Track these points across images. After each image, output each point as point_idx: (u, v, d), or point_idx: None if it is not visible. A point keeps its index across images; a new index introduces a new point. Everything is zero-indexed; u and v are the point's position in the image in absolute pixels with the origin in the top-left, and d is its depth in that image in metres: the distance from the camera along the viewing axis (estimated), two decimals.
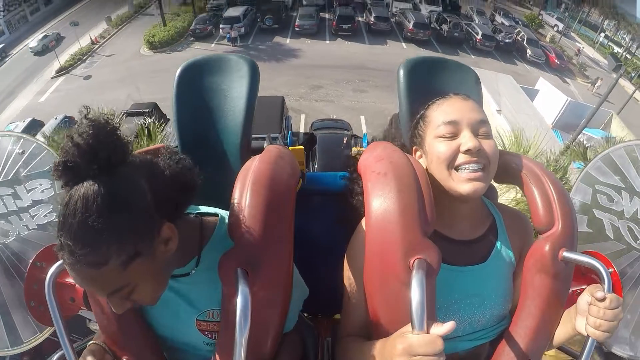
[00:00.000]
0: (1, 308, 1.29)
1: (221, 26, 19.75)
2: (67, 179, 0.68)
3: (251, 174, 0.87)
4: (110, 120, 0.72)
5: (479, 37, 20.89)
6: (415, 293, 0.72)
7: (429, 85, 1.15)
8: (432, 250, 0.82)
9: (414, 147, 1.03)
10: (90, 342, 1.00)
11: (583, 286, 0.99)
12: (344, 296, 1.00)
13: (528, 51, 21.24)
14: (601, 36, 27.81)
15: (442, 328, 0.70)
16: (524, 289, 0.96)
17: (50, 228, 1.32)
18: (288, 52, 18.79)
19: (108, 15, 22.37)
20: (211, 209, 0.99)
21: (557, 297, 0.94)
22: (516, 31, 22.83)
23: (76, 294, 1.13)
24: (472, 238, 0.99)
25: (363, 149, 1.14)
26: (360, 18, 22.30)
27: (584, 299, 0.88)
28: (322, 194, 1.38)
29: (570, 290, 0.97)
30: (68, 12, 23.99)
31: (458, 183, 0.90)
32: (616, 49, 25.70)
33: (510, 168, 1.01)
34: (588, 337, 0.84)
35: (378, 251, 0.84)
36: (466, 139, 0.90)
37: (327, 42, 20.33)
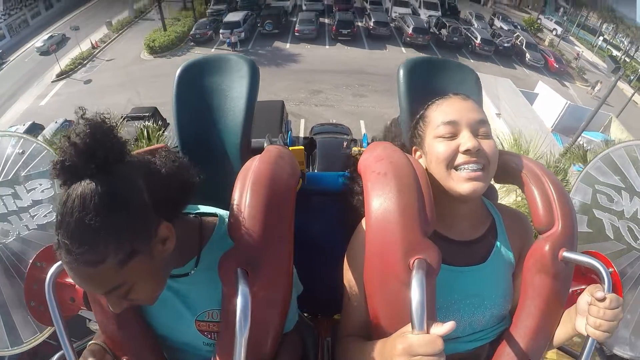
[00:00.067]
0: (1, 308, 1.28)
1: (221, 31, 19.77)
2: (65, 178, 0.69)
3: (251, 174, 0.87)
4: (107, 119, 0.73)
5: (478, 42, 20.88)
6: (415, 293, 0.72)
7: (429, 85, 1.15)
8: (432, 250, 0.81)
9: (414, 147, 1.03)
10: (90, 342, 1.00)
11: (583, 286, 0.98)
12: (344, 296, 1.00)
13: (527, 55, 21.22)
14: (600, 40, 27.87)
15: (442, 328, 0.70)
16: (524, 289, 0.96)
17: (50, 228, 1.31)
18: (288, 57, 18.81)
19: (109, 19, 22.42)
20: (210, 209, 0.99)
21: (557, 297, 0.94)
22: (515, 35, 22.82)
23: (76, 294, 1.13)
24: (472, 238, 0.99)
25: (363, 149, 1.14)
26: (359, 23, 22.30)
27: (584, 299, 0.87)
28: (322, 194, 1.38)
29: (570, 290, 0.97)
30: (69, 17, 24.06)
31: (457, 183, 0.90)
32: (615, 52, 25.75)
33: (510, 168, 1.01)
34: (588, 337, 0.84)
35: (378, 251, 0.84)
36: (465, 139, 0.90)
37: (327, 47, 20.34)
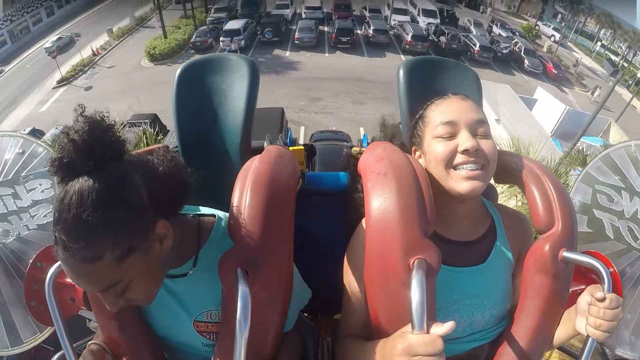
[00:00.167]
0: (1, 308, 1.28)
1: (221, 39, 19.89)
2: (63, 175, 0.69)
3: (251, 174, 0.87)
4: (105, 117, 0.73)
5: (477, 49, 20.99)
6: (415, 293, 0.72)
7: (429, 85, 1.16)
8: (432, 250, 0.81)
9: (413, 147, 1.03)
10: (90, 342, 1.00)
11: (583, 286, 0.98)
12: (344, 296, 1.00)
13: (526, 61, 21.32)
14: (598, 45, 28.01)
15: (442, 328, 0.70)
16: (524, 289, 0.96)
17: (50, 228, 1.31)
18: (288, 65, 18.88)
19: (109, 27, 22.59)
20: (208, 210, 0.98)
21: (557, 297, 0.93)
22: (513, 42, 22.96)
23: (76, 294, 1.12)
24: (472, 239, 0.99)
25: (363, 149, 1.14)
26: (359, 31, 22.43)
27: (584, 299, 0.87)
28: (322, 194, 1.37)
29: (570, 290, 0.97)
30: (70, 24, 24.24)
31: (456, 182, 0.90)
32: (613, 58, 25.89)
33: (510, 168, 1.01)
34: (588, 337, 0.84)
35: (378, 251, 0.84)
36: (464, 139, 0.90)
37: (327, 55, 20.43)
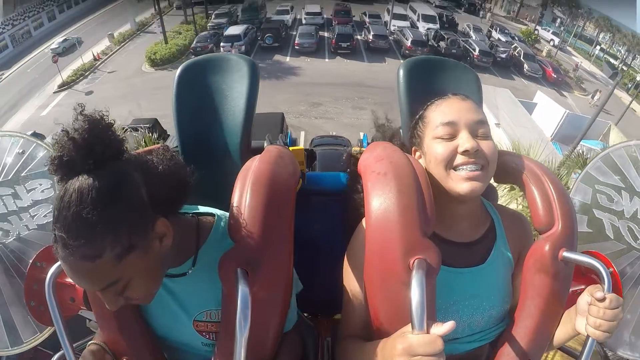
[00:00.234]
0: (1, 308, 1.28)
1: (222, 44, 19.96)
2: (63, 173, 0.69)
3: (251, 174, 0.87)
4: (105, 116, 0.74)
5: (477, 54, 21.06)
6: (415, 293, 0.72)
7: (429, 85, 1.16)
8: (432, 250, 0.81)
9: (413, 148, 1.03)
10: (90, 342, 1.00)
11: (583, 286, 0.98)
12: (344, 296, 0.99)
13: (525, 66, 21.40)
14: (597, 49, 28.10)
15: (442, 328, 0.70)
16: (524, 289, 0.95)
17: (50, 228, 1.30)
18: (288, 70, 18.94)
19: (111, 32, 22.71)
20: (208, 209, 0.98)
21: (557, 297, 0.93)
22: (513, 46, 23.08)
23: (76, 294, 1.12)
24: (471, 239, 0.99)
25: (363, 149, 1.14)
26: (359, 36, 22.57)
27: (584, 299, 0.87)
28: (322, 194, 1.37)
29: (570, 290, 0.96)
30: (71, 29, 24.39)
31: (456, 182, 0.90)
32: (612, 61, 25.97)
33: (510, 168, 1.01)
34: (588, 337, 0.84)
35: (378, 251, 0.84)
36: (464, 140, 0.90)
37: (327, 60, 20.51)
